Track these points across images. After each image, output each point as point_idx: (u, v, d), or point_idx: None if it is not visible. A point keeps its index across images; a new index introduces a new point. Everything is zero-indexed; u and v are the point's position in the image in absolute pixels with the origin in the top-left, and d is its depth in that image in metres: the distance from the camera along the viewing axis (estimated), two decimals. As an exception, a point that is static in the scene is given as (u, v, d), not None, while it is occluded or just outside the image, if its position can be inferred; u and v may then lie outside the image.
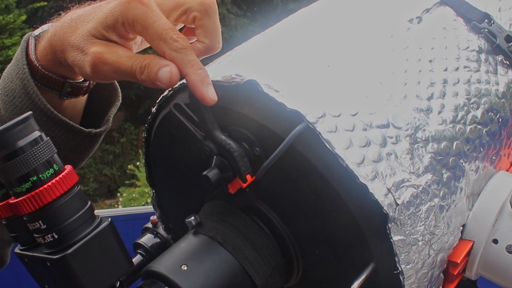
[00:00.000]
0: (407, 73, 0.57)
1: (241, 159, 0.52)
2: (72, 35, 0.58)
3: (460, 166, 0.56)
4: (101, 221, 0.49)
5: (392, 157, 0.51)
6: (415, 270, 0.51)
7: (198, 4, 0.58)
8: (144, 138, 0.67)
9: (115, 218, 0.52)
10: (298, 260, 0.57)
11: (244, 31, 8.15)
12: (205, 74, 0.53)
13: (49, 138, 0.48)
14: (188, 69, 0.53)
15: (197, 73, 0.52)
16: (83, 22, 0.58)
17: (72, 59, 0.58)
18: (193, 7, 0.59)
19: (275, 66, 0.55)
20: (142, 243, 0.83)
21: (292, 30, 0.63)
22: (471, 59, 0.62)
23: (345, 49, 0.58)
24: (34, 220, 0.47)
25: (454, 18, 0.65)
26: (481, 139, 0.59)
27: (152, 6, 0.55)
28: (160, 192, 0.72)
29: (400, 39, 0.60)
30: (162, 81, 0.53)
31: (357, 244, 0.51)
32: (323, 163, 0.49)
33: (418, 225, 0.51)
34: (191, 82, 0.52)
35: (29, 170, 0.45)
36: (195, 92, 0.52)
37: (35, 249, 0.50)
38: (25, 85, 0.63)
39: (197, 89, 0.52)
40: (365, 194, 0.48)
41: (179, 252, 0.55)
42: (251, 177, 0.52)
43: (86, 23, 0.58)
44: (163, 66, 0.53)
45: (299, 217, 0.55)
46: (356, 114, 0.51)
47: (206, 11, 0.59)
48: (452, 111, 0.57)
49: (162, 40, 0.53)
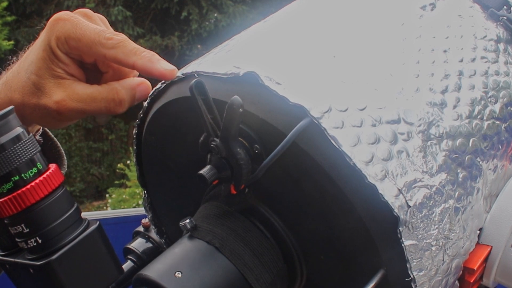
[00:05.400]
0: (419, 64, 0.57)
1: (247, 174, 0.52)
2: (21, 88, 0.59)
3: (476, 165, 0.56)
4: (89, 224, 0.49)
5: (403, 155, 0.50)
6: (428, 278, 0.51)
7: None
8: (135, 134, 0.67)
9: (104, 221, 0.52)
10: (301, 266, 0.57)
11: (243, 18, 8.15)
12: (150, 54, 0.56)
13: (32, 135, 0.48)
14: (132, 58, 0.56)
15: (142, 57, 0.56)
16: (24, 67, 0.59)
17: (31, 116, 0.59)
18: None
19: (276, 56, 0.55)
20: (132, 248, 0.83)
21: (295, 17, 0.63)
22: (488, 49, 0.62)
23: (352, 38, 0.58)
24: (16, 223, 0.47)
25: (470, 5, 0.64)
26: (499, 136, 0.59)
27: (78, 19, 0.58)
28: (152, 193, 0.72)
29: (412, 27, 0.60)
30: (142, 97, 0.60)
31: (365, 249, 0.51)
32: (328, 162, 0.49)
33: (432, 228, 0.51)
34: (141, 66, 0.55)
35: (10, 169, 0.45)
36: (151, 74, 0.55)
37: (17, 254, 0.50)
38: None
39: (150, 69, 0.55)
40: (374, 195, 0.48)
41: (173, 257, 0.55)
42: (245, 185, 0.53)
43: (28, 67, 0.59)
44: (134, 89, 0.59)
45: (302, 220, 0.55)
46: (365, 108, 0.51)
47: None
48: (468, 105, 0.57)
49: (97, 44, 0.56)
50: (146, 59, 0.56)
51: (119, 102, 0.58)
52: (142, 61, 0.56)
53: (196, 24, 8.26)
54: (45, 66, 0.58)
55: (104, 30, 0.57)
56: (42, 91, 0.58)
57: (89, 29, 0.57)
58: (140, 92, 0.60)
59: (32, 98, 0.58)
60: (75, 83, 0.58)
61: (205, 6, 8.26)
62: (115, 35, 0.57)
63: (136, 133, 0.67)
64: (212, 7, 8.34)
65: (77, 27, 0.57)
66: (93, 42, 0.56)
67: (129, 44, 0.57)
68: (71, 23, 0.57)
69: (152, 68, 0.56)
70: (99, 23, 0.60)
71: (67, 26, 0.57)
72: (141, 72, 0.56)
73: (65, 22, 0.57)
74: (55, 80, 0.58)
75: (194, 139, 0.56)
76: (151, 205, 0.72)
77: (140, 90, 0.60)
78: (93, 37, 0.56)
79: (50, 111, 0.58)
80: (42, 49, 0.58)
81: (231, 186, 0.54)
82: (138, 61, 0.56)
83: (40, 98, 0.58)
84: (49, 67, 0.58)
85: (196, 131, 0.55)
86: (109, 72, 0.62)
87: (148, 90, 0.60)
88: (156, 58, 0.56)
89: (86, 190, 8.72)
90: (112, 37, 0.56)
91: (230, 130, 0.51)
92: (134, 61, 0.56)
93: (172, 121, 0.62)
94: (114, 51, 0.56)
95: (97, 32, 0.57)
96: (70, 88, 0.58)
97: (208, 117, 0.53)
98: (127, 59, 0.56)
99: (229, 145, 0.52)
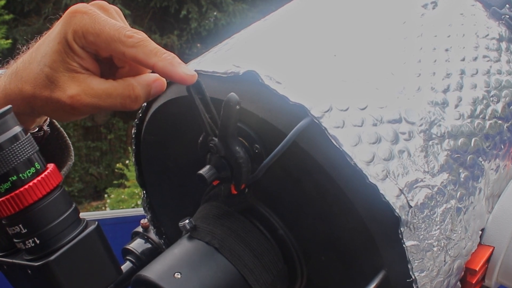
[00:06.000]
0: (421, 63, 0.57)
1: (247, 173, 0.52)
2: (32, 79, 0.58)
3: (478, 165, 0.56)
4: (87, 224, 0.49)
5: (405, 154, 0.50)
6: (430, 279, 0.51)
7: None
8: (133, 134, 0.67)
9: (102, 222, 0.52)
10: (302, 267, 0.57)
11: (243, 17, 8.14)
12: (171, 57, 0.55)
13: (30, 135, 0.47)
14: (153, 59, 0.54)
15: (163, 59, 0.54)
16: (37, 59, 0.58)
17: (41, 108, 0.58)
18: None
19: (276, 55, 0.55)
20: (131, 249, 0.83)
21: (296, 16, 0.63)
22: (490, 48, 0.62)
23: (353, 37, 0.58)
24: (14, 224, 0.47)
25: (472, 3, 0.64)
26: (501, 135, 0.59)
27: (96, 13, 0.56)
28: (151, 193, 0.72)
29: (413, 26, 0.59)
30: (157, 94, 0.58)
31: (366, 249, 0.51)
32: (329, 162, 0.49)
33: (433, 229, 0.51)
34: (161, 69, 0.54)
35: (8, 169, 0.45)
36: (171, 77, 0.54)
37: (15, 255, 0.50)
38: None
39: (170, 73, 0.54)
40: (375, 195, 0.48)
41: (172, 258, 0.55)
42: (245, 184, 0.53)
43: (42, 58, 0.57)
44: (150, 86, 0.57)
45: (303, 220, 0.55)
46: (366, 108, 0.51)
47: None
48: (470, 104, 0.57)
49: (117, 41, 0.55)
50: (167, 62, 0.54)
51: (135, 98, 0.57)
52: (163, 64, 0.54)
53: (196, 22, 8.26)
54: (60, 59, 0.56)
55: (123, 27, 0.56)
56: (55, 84, 0.56)
57: (108, 25, 0.55)
58: (155, 88, 0.58)
59: (44, 91, 0.57)
60: (90, 77, 0.57)
61: (205, 4, 8.26)
62: (135, 33, 0.55)
63: (135, 133, 0.67)
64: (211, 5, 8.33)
65: (95, 22, 0.56)
66: (112, 39, 0.55)
67: (149, 44, 0.55)
68: (90, 17, 0.56)
69: (172, 71, 0.54)
70: (116, 17, 0.59)
71: (85, 20, 0.56)
72: (161, 74, 0.55)
73: (83, 15, 0.56)
74: (70, 74, 0.57)
75: (193, 138, 0.56)
76: (150, 206, 0.72)
77: (156, 86, 0.58)
78: (113, 33, 0.55)
79: (64, 105, 0.57)
80: (57, 41, 0.57)
81: (231, 186, 0.54)
82: (158, 63, 0.54)
83: (53, 92, 0.57)
84: (64, 61, 0.56)
85: (196, 131, 0.55)
86: (125, 67, 0.61)
87: (163, 86, 0.59)
88: (177, 61, 0.55)
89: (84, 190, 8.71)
90: (133, 35, 0.55)
91: (228, 128, 0.51)
92: (155, 62, 0.55)
93: (171, 121, 0.62)
94: (134, 50, 0.55)
95: (116, 29, 0.55)
96: (85, 83, 0.57)
97: (206, 116, 0.53)
98: (147, 59, 0.55)
99: (227, 143, 0.52)
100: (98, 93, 0.56)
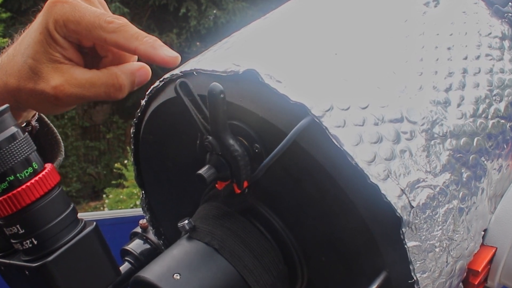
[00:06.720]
0: (422, 62, 0.57)
1: (245, 167, 0.52)
2: (17, 72, 0.58)
3: (481, 165, 0.56)
4: (85, 225, 0.49)
5: (407, 154, 0.50)
6: (432, 280, 0.51)
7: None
8: (132, 133, 0.67)
9: (101, 222, 0.52)
10: (302, 268, 0.57)
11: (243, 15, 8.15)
12: (152, 40, 0.55)
13: (27, 134, 0.47)
14: (134, 43, 0.55)
15: (144, 42, 0.55)
16: (20, 51, 0.58)
17: (27, 101, 0.58)
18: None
19: (277, 54, 0.55)
20: (130, 250, 0.83)
21: (296, 14, 0.63)
22: (493, 47, 0.62)
23: (354, 35, 0.58)
24: (11, 224, 0.47)
25: (475, 1, 0.64)
26: (504, 135, 0.59)
27: (77, 1, 0.56)
28: (150, 193, 0.72)
29: (415, 24, 0.59)
30: (142, 83, 0.58)
31: (367, 250, 0.51)
32: (330, 161, 0.49)
33: (435, 229, 0.51)
34: (143, 52, 0.54)
35: (5, 169, 0.45)
36: (153, 60, 0.54)
37: (12, 256, 0.50)
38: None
39: (152, 55, 0.54)
40: (376, 195, 0.48)
41: (171, 259, 0.55)
42: (247, 183, 0.53)
43: (25, 50, 0.57)
44: (134, 75, 0.58)
45: (303, 221, 0.55)
46: (367, 107, 0.51)
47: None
48: (472, 104, 0.57)
49: (97, 27, 0.55)
50: (149, 45, 0.55)
51: (119, 87, 0.57)
52: (144, 47, 0.55)
53: (195, 21, 8.26)
54: (42, 50, 0.56)
55: (104, 13, 0.56)
56: (39, 75, 0.56)
57: (88, 12, 0.56)
58: (139, 77, 0.59)
59: (28, 82, 0.57)
60: (73, 67, 0.57)
61: (204, 2, 8.26)
62: (116, 19, 0.55)
63: (134, 132, 0.67)
64: (211, 3, 8.33)
65: (76, 10, 0.56)
66: (93, 25, 0.55)
67: (130, 29, 0.55)
68: (70, 5, 0.56)
69: (154, 54, 0.55)
70: (98, 6, 0.59)
71: (66, 9, 0.56)
72: (143, 58, 0.55)
73: (63, 4, 0.56)
74: (53, 64, 0.56)
75: (192, 138, 0.56)
76: (149, 206, 0.72)
77: (140, 75, 0.59)
78: (93, 20, 0.55)
79: (48, 96, 0.57)
80: (39, 32, 0.57)
81: (234, 186, 0.53)
82: (140, 46, 0.55)
83: (37, 83, 0.57)
84: (47, 51, 0.56)
85: (195, 130, 0.55)
86: (108, 57, 0.61)
87: (147, 74, 0.59)
88: (158, 44, 0.55)
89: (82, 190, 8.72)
90: (113, 20, 0.55)
91: (217, 120, 0.51)
92: (136, 46, 0.55)
93: (170, 120, 0.62)
94: (115, 35, 0.55)
95: (97, 15, 0.55)
96: (68, 73, 0.57)
97: (199, 116, 0.53)
98: (129, 44, 0.55)
99: (221, 139, 0.52)
100: (82, 82, 0.56)
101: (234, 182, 0.53)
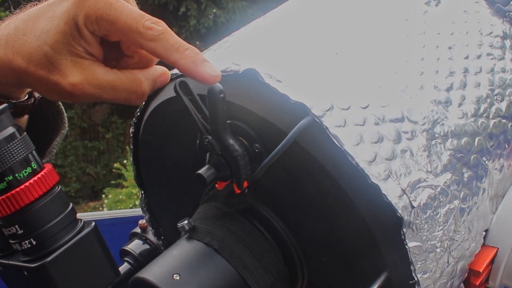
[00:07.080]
0: (423, 61, 0.57)
1: (245, 167, 0.52)
2: (27, 53, 0.53)
3: (482, 165, 0.56)
4: (84, 225, 0.49)
5: (407, 154, 0.50)
6: (433, 280, 0.51)
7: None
8: (131, 133, 0.67)
9: (100, 222, 0.52)
10: (302, 268, 0.57)
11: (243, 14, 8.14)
12: (194, 53, 0.51)
13: (26, 134, 0.47)
14: (174, 55, 0.51)
15: (185, 56, 0.51)
16: (34, 32, 0.53)
17: (32, 85, 0.55)
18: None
19: (277, 53, 0.55)
20: (129, 250, 0.83)
21: (296, 13, 0.63)
22: (494, 46, 0.62)
23: (355, 34, 0.58)
24: (10, 225, 0.47)
25: (476, 0, 0.64)
26: (506, 135, 0.59)
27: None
28: (150, 193, 0.72)
29: (416, 23, 0.59)
30: (160, 86, 0.55)
31: (368, 251, 0.51)
32: (330, 161, 0.49)
33: (436, 230, 0.51)
34: (183, 67, 0.51)
35: (4, 169, 0.45)
36: (193, 77, 0.51)
37: (11, 256, 0.50)
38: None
39: (192, 72, 0.51)
40: (377, 196, 0.48)
41: (171, 260, 0.55)
42: (247, 183, 0.53)
43: (42, 34, 0.53)
44: (156, 81, 0.55)
45: (303, 221, 0.55)
46: (367, 106, 0.51)
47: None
48: (473, 103, 0.57)
49: (134, 32, 0.51)
50: (190, 60, 0.51)
51: (141, 94, 0.54)
52: (185, 62, 0.51)
53: (195, 20, 8.26)
54: (65, 41, 0.52)
55: (142, 16, 0.51)
56: (55, 66, 0.52)
57: (125, 12, 0.51)
58: (160, 82, 0.55)
59: (40, 69, 0.52)
60: (95, 64, 0.53)
61: (204, 1, 8.26)
62: (155, 24, 0.51)
63: (133, 132, 0.67)
64: (211, 2, 8.33)
65: (112, 8, 0.51)
66: (130, 29, 0.51)
67: (170, 37, 0.51)
68: (105, 2, 0.51)
69: (195, 71, 0.51)
70: (134, 4, 0.55)
71: (101, 4, 0.51)
72: (181, 71, 0.51)
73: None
74: (73, 57, 0.52)
75: (192, 138, 0.56)
76: (149, 206, 0.72)
77: (161, 81, 0.55)
78: (130, 23, 0.51)
79: (61, 90, 0.52)
80: (64, 21, 0.52)
81: (233, 186, 0.53)
82: (180, 61, 0.51)
83: (51, 73, 0.52)
84: (69, 43, 0.52)
85: (194, 130, 0.55)
86: (134, 58, 0.56)
87: (167, 80, 0.54)
88: (200, 59, 0.51)
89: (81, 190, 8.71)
90: (152, 26, 0.51)
91: (217, 120, 0.50)
92: (176, 60, 0.51)
93: (170, 120, 0.62)
94: (154, 44, 0.51)
95: (134, 17, 0.51)
96: (89, 71, 0.53)
97: (198, 116, 0.53)
98: (168, 55, 0.51)
99: (221, 139, 0.52)
100: (103, 84, 0.53)
101: (234, 182, 0.53)
